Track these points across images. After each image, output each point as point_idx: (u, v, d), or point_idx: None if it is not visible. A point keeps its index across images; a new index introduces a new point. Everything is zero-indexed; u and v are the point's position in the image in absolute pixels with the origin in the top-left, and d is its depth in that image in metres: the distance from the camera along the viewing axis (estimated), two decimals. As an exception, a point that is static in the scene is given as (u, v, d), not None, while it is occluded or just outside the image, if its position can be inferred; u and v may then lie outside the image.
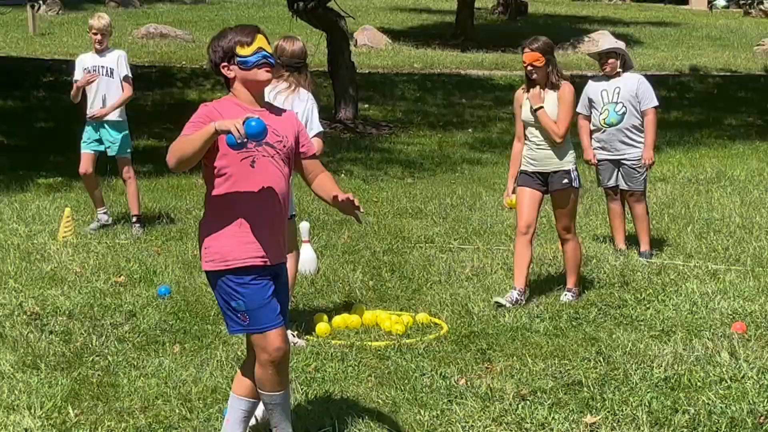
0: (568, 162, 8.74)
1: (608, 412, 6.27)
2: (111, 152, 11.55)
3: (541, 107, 8.62)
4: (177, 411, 6.28)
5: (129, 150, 11.65)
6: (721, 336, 7.70)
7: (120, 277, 9.36)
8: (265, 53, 5.27)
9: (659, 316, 8.28)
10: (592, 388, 6.63)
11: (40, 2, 19.48)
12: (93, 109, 11.41)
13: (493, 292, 8.90)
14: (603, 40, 9.98)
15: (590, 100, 10.34)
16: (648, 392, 6.54)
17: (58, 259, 9.94)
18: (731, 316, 8.23)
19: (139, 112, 21.55)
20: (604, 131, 10.29)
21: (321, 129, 7.87)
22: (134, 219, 11.52)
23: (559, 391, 6.63)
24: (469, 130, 21.02)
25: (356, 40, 31.32)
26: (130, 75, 11.49)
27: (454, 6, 37.43)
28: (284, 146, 5.32)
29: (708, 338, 7.65)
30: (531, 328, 8.03)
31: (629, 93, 10.17)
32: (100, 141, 11.50)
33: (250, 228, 5.21)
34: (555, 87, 8.66)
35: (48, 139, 18.21)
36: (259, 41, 5.27)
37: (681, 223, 11.77)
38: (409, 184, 15.10)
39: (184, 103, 22.29)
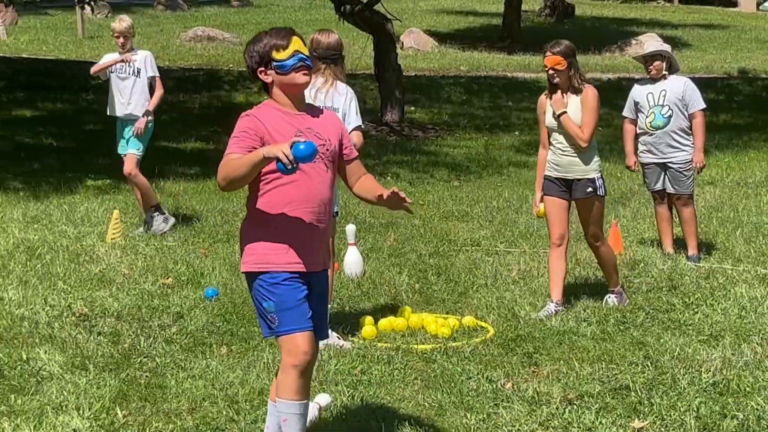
0: (593, 170, 8.52)
1: (656, 417, 6.24)
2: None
3: (565, 112, 8.46)
4: (224, 413, 6.31)
5: (140, 149, 11.51)
6: (770, 341, 7.65)
7: (168, 278, 9.41)
8: (302, 56, 5.22)
9: (708, 321, 8.23)
10: (639, 393, 6.60)
11: (92, 3, 19.60)
12: (118, 106, 11.49)
13: (539, 296, 8.88)
14: (649, 42, 9.87)
15: (636, 104, 10.29)
16: (696, 397, 6.50)
17: (106, 261, 10.01)
18: (781, 321, 8.17)
19: (187, 114, 21.72)
20: (650, 134, 10.23)
21: (359, 123, 7.87)
22: (153, 210, 11.46)
23: (606, 395, 6.60)
24: (516, 132, 20.97)
25: (402, 43, 31.32)
26: (158, 75, 11.50)
27: (500, 8, 37.36)
28: (327, 149, 5.28)
29: (757, 343, 7.60)
30: (578, 331, 8.00)
31: (675, 96, 10.11)
32: (128, 140, 11.55)
33: (290, 233, 5.18)
34: (577, 91, 8.48)
35: (96, 141, 18.31)
36: (295, 44, 5.22)
37: (729, 227, 11.68)
38: (455, 187, 15.08)
39: (231, 105, 22.39)
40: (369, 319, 8.14)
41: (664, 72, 10.16)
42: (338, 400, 6.49)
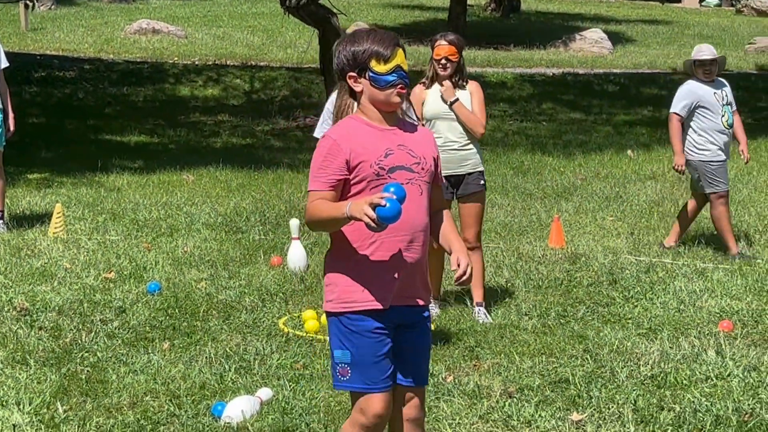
0: (481, 162, 8.22)
1: (594, 409, 6.31)
2: None
3: (457, 99, 8.05)
4: (165, 407, 6.31)
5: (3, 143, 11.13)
6: (707, 334, 7.75)
7: (110, 273, 9.37)
8: (402, 73, 4.65)
9: (647, 314, 8.32)
10: (578, 386, 6.67)
11: (35, 2, 19.45)
12: None
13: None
14: (702, 47, 9.90)
15: (700, 104, 10.17)
16: (634, 390, 6.58)
17: (48, 255, 9.95)
18: (718, 315, 8.28)
19: (131, 107, 21.59)
20: (725, 132, 10.24)
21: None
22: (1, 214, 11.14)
23: (546, 388, 6.67)
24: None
25: (348, 37, 31.30)
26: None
27: (446, 3, 37.40)
28: (423, 168, 4.68)
29: (695, 336, 7.69)
30: (519, 325, 8.06)
31: (731, 95, 10.33)
32: None
33: (377, 265, 4.61)
34: (462, 87, 8.14)
35: (39, 134, 18.22)
36: (399, 57, 4.65)
37: (670, 221, 11.79)
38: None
39: (176, 99, 22.30)
40: (312, 313, 8.15)
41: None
42: (280, 394, 6.50)
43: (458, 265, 4.68)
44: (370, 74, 4.63)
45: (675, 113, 10.26)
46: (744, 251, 10.25)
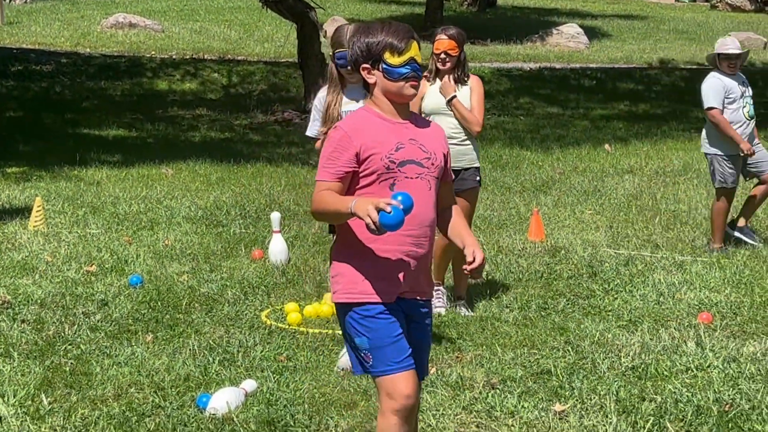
0: (477, 158, 8.23)
1: (576, 400, 6.36)
2: None
3: (455, 96, 8.05)
4: (150, 399, 6.33)
5: None
6: (687, 326, 7.81)
7: (91, 266, 9.37)
8: (416, 65, 4.63)
9: (627, 307, 8.38)
10: (560, 377, 6.72)
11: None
12: None
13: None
14: (727, 40, 9.79)
15: (728, 95, 10.13)
16: (615, 381, 6.63)
17: (29, 249, 9.94)
18: (697, 307, 8.35)
19: (108, 101, 21.53)
20: (746, 124, 10.24)
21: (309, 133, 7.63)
22: None
23: (528, 379, 6.71)
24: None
25: (326, 31, 31.29)
26: None
27: (423, -3, 37.47)
28: (433, 164, 4.68)
29: (674, 328, 7.75)
30: (500, 317, 8.11)
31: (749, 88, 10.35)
32: None
33: (385, 259, 4.61)
34: (463, 82, 8.12)
35: (17, 128, 18.17)
36: (413, 50, 4.63)
37: (648, 214, 11.89)
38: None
39: (153, 92, 22.26)
40: (294, 306, 8.19)
41: None
42: (264, 386, 6.53)
43: (474, 258, 4.67)
44: (384, 66, 4.61)
45: (714, 107, 10.10)
46: (726, 249, 10.28)
